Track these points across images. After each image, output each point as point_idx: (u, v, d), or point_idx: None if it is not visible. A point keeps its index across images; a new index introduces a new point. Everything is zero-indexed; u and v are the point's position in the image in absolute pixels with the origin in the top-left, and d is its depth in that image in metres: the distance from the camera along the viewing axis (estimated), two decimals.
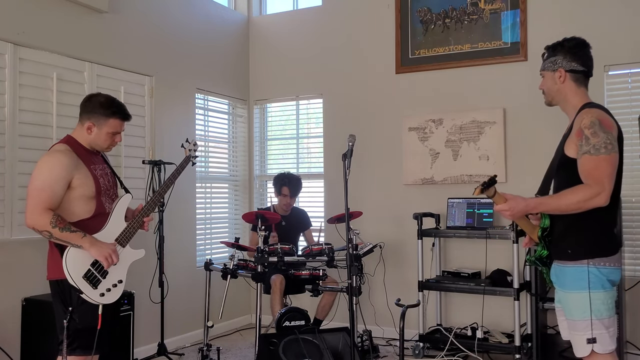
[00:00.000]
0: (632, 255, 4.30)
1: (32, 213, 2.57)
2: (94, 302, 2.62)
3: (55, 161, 2.65)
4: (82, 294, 2.60)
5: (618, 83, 4.43)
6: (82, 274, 2.61)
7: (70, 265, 2.59)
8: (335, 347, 3.75)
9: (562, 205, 2.25)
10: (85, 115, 2.80)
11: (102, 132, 2.80)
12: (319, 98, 5.64)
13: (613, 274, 2.31)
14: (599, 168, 2.22)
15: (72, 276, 2.58)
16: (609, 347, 2.29)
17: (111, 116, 2.81)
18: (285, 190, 4.87)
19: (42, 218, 2.55)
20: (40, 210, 2.56)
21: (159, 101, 4.80)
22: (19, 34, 3.76)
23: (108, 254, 2.65)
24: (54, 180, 2.60)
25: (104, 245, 2.67)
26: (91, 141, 2.81)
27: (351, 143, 3.45)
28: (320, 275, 4.45)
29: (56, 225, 2.56)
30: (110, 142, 2.86)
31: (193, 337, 5.01)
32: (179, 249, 4.92)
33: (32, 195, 2.59)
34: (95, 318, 2.63)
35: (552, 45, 2.52)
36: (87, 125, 2.78)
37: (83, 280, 2.61)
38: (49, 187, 2.59)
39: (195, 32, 5.25)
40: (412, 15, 5.14)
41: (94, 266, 2.65)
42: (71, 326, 2.59)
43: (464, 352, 4.35)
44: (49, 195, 2.59)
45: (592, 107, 2.37)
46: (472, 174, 4.84)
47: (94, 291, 2.63)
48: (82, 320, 2.63)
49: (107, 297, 2.68)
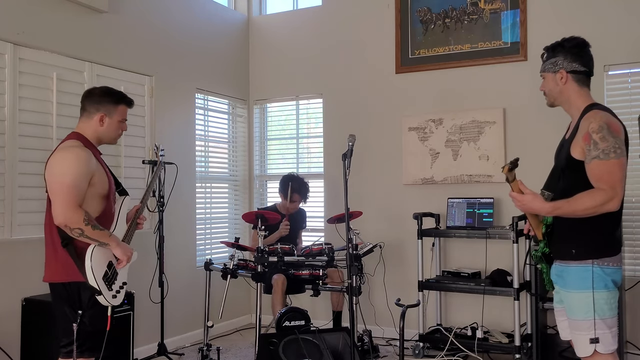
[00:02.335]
0: (632, 255, 4.30)
1: (66, 210, 2.49)
2: (107, 303, 2.58)
3: (78, 156, 2.58)
4: (99, 295, 2.55)
5: (618, 83, 4.43)
6: (102, 275, 2.57)
7: (95, 266, 2.53)
8: (335, 347, 3.75)
9: (578, 210, 2.25)
10: (93, 107, 2.74)
11: (113, 120, 2.76)
12: (319, 98, 5.64)
13: (616, 273, 2.32)
14: (610, 173, 2.22)
15: (96, 277, 2.53)
16: (611, 347, 2.30)
17: (120, 102, 2.79)
18: (296, 197, 4.82)
19: (76, 215, 2.49)
20: (74, 207, 2.50)
21: (159, 101, 4.80)
22: (19, 34, 3.76)
23: (130, 254, 2.66)
24: (82, 176, 2.56)
25: (126, 246, 2.68)
26: (102, 133, 2.76)
27: (351, 143, 3.45)
28: (320, 275, 4.45)
29: (89, 222, 2.51)
30: (120, 131, 2.84)
31: (193, 337, 5.01)
32: (179, 249, 4.92)
33: (63, 191, 2.51)
34: (105, 320, 2.60)
35: (552, 46, 2.50)
36: (98, 117, 2.73)
37: (102, 281, 2.56)
38: (80, 183, 2.54)
39: (195, 32, 5.25)
40: (412, 15, 5.14)
41: (109, 268, 2.63)
42: (81, 329, 2.56)
43: (464, 352, 4.35)
44: (80, 191, 2.54)
45: (599, 110, 2.36)
46: (472, 174, 4.84)
47: (109, 292, 2.59)
48: (92, 323, 2.60)
49: (117, 299, 2.65)
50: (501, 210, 4.68)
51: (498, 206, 4.67)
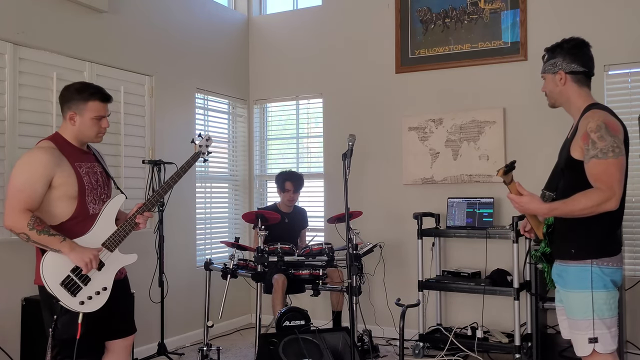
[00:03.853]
0: (632, 255, 4.30)
1: (10, 214, 2.47)
2: (73, 310, 2.50)
3: (35, 159, 2.52)
4: (59, 302, 2.48)
5: (618, 83, 4.42)
6: (59, 281, 2.49)
7: (48, 272, 2.48)
8: (335, 347, 3.75)
9: (575, 211, 2.25)
10: (65, 106, 2.67)
11: (85, 118, 2.64)
12: (319, 98, 5.64)
13: (615, 274, 2.32)
14: (608, 172, 2.22)
15: (49, 283, 2.47)
16: (611, 347, 2.30)
17: (89, 98, 2.65)
18: (288, 185, 4.90)
19: (20, 219, 2.45)
20: (18, 211, 2.45)
21: (159, 101, 4.80)
22: (19, 34, 3.76)
23: (89, 259, 2.51)
24: (34, 180, 2.49)
25: (85, 250, 2.53)
26: (77, 132, 2.66)
27: (351, 143, 3.45)
28: (320, 275, 4.45)
29: (34, 227, 2.44)
30: (98, 130, 2.69)
31: (193, 336, 5.01)
32: (179, 248, 4.92)
33: (11, 195, 2.49)
34: (75, 327, 2.50)
35: (551, 47, 2.51)
36: (69, 116, 2.65)
37: (60, 287, 2.49)
38: (29, 187, 2.48)
39: (195, 31, 5.25)
40: (412, 15, 5.14)
41: (74, 272, 2.52)
42: (56, 335, 2.51)
43: (464, 351, 4.35)
44: (28, 195, 2.47)
45: (598, 109, 2.36)
46: (472, 174, 4.84)
47: (73, 299, 2.50)
48: (65, 330, 2.52)
49: (88, 306, 2.53)
50: (501, 210, 4.68)
51: (498, 206, 4.67)
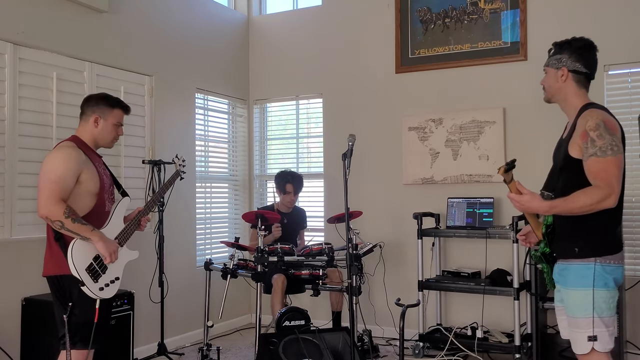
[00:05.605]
0: (632, 255, 4.30)
1: (47, 203, 2.64)
2: (93, 295, 2.69)
3: (67, 155, 2.74)
4: (83, 286, 2.67)
5: (618, 83, 4.42)
6: (85, 267, 2.68)
7: (76, 257, 2.66)
8: (335, 347, 3.75)
9: (575, 208, 2.26)
10: (89, 110, 2.92)
11: (108, 123, 2.92)
12: (319, 98, 5.64)
13: (617, 271, 2.34)
14: (607, 170, 2.24)
15: (77, 267, 2.65)
16: (608, 345, 2.31)
17: (115, 106, 2.96)
18: (289, 187, 4.88)
19: (57, 208, 2.63)
20: (54, 201, 2.64)
21: (159, 101, 4.80)
22: (18, 34, 3.76)
23: (113, 250, 2.76)
24: (67, 173, 2.70)
25: (110, 241, 2.77)
26: (97, 135, 2.92)
27: (351, 143, 3.45)
28: (320, 275, 4.45)
29: (69, 215, 2.64)
30: (115, 135, 2.98)
31: (193, 336, 5.01)
32: (179, 248, 4.92)
33: (47, 187, 2.67)
34: (93, 312, 2.70)
35: (560, 43, 2.52)
36: (93, 118, 2.90)
37: (86, 272, 2.68)
38: (63, 179, 2.68)
39: (195, 31, 5.25)
40: (412, 15, 5.14)
41: (96, 261, 2.74)
42: (72, 320, 2.69)
43: (464, 351, 4.35)
44: (62, 188, 2.68)
45: (595, 108, 2.38)
46: (472, 174, 4.84)
47: (95, 285, 2.70)
48: (82, 315, 2.71)
49: (106, 292, 2.76)
50: (501, 210, 4.68)
51: (498, 206, 4.67)
